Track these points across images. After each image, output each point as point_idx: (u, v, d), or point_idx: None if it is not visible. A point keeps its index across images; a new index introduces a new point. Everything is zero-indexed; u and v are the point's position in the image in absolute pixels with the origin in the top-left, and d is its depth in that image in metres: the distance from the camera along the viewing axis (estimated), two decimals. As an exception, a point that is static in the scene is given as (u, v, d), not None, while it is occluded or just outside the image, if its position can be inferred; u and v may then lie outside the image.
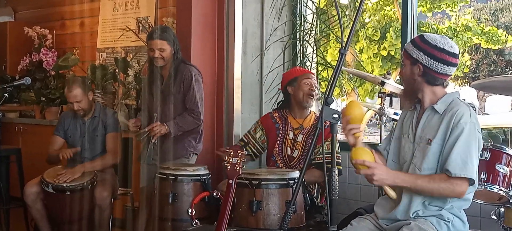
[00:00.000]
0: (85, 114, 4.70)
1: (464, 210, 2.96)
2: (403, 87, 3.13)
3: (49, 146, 4.76)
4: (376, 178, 2.78)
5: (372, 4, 13.01)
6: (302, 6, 5.30)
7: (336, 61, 2.72)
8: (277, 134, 4.25)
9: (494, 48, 13.49)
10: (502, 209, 3.37)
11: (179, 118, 4.39)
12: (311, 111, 4.27)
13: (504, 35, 12.95)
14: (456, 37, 12.78)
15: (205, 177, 3.98)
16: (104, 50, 6.12)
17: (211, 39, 5.03)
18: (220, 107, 5.05)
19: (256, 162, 4.74)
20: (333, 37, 5.43)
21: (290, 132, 4.22)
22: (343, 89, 6.57)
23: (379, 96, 4.12)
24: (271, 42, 5.22)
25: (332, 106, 2.66)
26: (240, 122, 5.06)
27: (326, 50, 5.61)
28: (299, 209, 3.61)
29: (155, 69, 4.45)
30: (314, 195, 4.05)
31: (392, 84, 3.97)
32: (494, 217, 3.43)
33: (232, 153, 3.32)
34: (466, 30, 12.83)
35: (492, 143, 3.31)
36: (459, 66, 13.14)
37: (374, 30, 12.73)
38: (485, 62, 16.84)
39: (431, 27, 12.90)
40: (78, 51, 6.26)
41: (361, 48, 12.76)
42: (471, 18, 13.66)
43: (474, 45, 14.26)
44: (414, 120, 3.01)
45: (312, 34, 5.24)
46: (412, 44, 2.94)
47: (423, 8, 13.02)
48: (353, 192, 4.71)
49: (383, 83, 3.95)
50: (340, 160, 4.18)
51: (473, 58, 16.40)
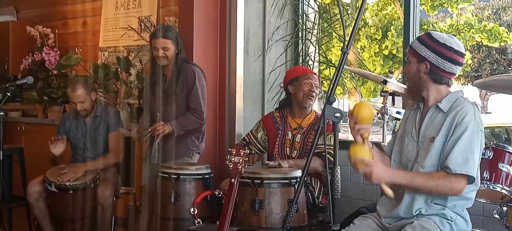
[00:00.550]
0: (87, 115, 4.70)
1: (466, 209, 2.96)
2: (406, 85, 3.11)
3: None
4: (374, 176, 2.76)
5: (373, 4, 13.00)
6: (304, 5, 5.31)
7: (338, 60, 2.71)
8: (276, 134, 4.25)
9: (496, 46, 13.46)
10: (505, 208, 3.37)
11: (182, 117, 4.39)
12: (311, 110, 4.26)
13: (506, 32, 12.93)
14: (458, 35, 12.77)
15: (207, 176, 3.97)
16: (106, 49, 6.12)
17: (213, 38, 5.03)
18: (222, 106, 5.05)
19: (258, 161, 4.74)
20: (335, 36, 5.43)
21: (289, 132, 4.21)
22: (346, 88, 6.57)
23: (381, 95, 4.11)
24: (273, 41, 5.22)
25: (334, 105, 2.66)
26: (242, 121, 5.06)
27: (329, 49, 5.61)
28: (301, 208, 3.61)
29: (158, 68, 4.45)
30: (315, 194, 4.04)
31: (395, 83, 3.96)
32: (496, 216, 3.42)
33: (234, 152, 3.32)
34: (468, 28, 12.81)
35: (495, 142, 3.30)
36: (462, 65, 13.10)
37: (376, 29, 12.73)
38: (487, 61, 16.82)
39: (433, 26, 12.88)
40: (80, 50, 6.26)
41: (362, 47, 12.76)
42: (472, 16, 13.63)
43: (477, 44, 14.24)
44: (417, 119, 3.00)
45: (314, 33, 5.24)
46: (419, 41, 2.92)
47: (425, 6, 13.00)
48: (355, 191, 4.70)
49: (385, 82, 3.95)
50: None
51: (475, 57, 16.38)
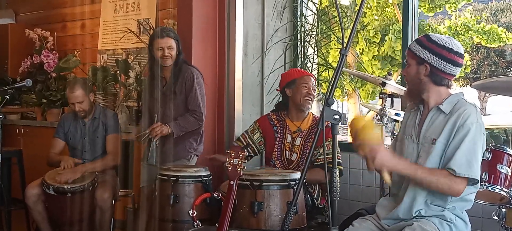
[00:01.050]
0: (85, 116, 4.70)
1: (466, 210, 2.96)
2: (406, 87, 3.11)
3: (49, 148, 4.77)
4: (378, 159, 2.74)
5: (372, 6, 13.00)
6: (303, 8, 5.31)
7: (337, 62, 2.71)
8: (275, 137, 4.24)
9: (494, 47, 13.46)
10: (504, 210, 3.36)
11: (181, 118, 4.39)
12: (309, 113, 4.25)
13: (504, 33, 12.93)
14: (456, 37, 12.77)
15: (206, 178, 3.97)
16: (105, 52, 6.12)
17: (212, 41, 5.03)
18: (221, 108, 5.05)
19: (256, 163, 4.73)
20: (334, 38, 5.43)
21: (288, 135, 4.20)
22: (345, 90, 6.58)
23: (380, 97, 4.12)
24: (272, 43, 5.22)
25: (333, 107, 2.66)
26: (241, 123, 5.05)
27: (328, 51, 5.61)
28: (300, 210, 3.61)
29: (157, 70, 4.45)
30: (315, 196, 4.04)
31: (393, 85, 3.97)
32: (495, 218, 3.42)
33: (233, 153, 3.32)
34: (466, 29, 12.82)
35: (494, 144, 3.30)
36: (461, 66, 13.11)
37: (374, 32, 12.73)
38: (486, 62, 16.82)
39: (432, 28, 12.89)
40: (79, 53, 6.26)
41: (361, 49, 12.76)
42: (471, 17, 13.63)
43: (475, 45, 14.23)
44: (417, 121, 3.00)
45: (313, 35, 5.24)
46: (418, 43, 2.91)
47: (423, 9, 13.02)
48: (354, 193, 4.70)
49: (384, 84, 3.95)
50: (341, 160, 4.18)
51: (474, 59, 16.37)
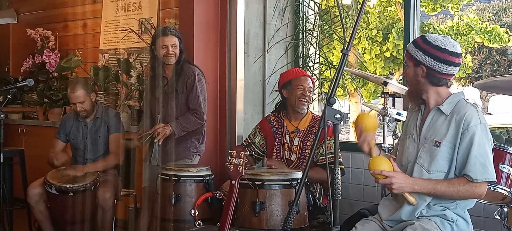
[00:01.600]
0: (87, 116, 4.70)
1: (467, 210, 2.96)
2: (407, 88, 3.12)
3: (50, 149, 4.77)
4: (395, 187, 2.79)
5: (374, 5, 12.98)
6: (305, 7, 5.30)
7: (339, 61, 2.71)
8: (274, 138, 4.24)
9: (496, 46, 13.45)
10: (506, 209, 3.36)
11: (182, 118, 4.39)
12: (308, 112, 4.24)
13: (507, 33, 12.90)
14: (459, 37, 12.75)
15: (208, 178, 3.97)
16: (107, 51, 6.12)
17: (214, 40, 5.03)
18: (223, 108, 5.05)
19: (258, 163, 4.74)
20: (337, 38, 5.43)
21: (286, 135, 4.20)
22: (346, 90, 6.57)
23: (381, 97, 4.11)
24: (273, 43, 5.22)
25: (335, 106, 2.65)
26: (243, 122, 5.06)
27: (330, 51, 5.60)
28: (302, 210, 3.61)
29: (158, 70, 4.45)
30: (316, 196, 4.04)
31: (395, 85, 3.96)
32: (497, 217, 3.42)
33: (234, 153, 3.32)
34: (469, 29, 12.80)
35: (496, 143, 3.29)
36: (462, 66, 13.11)
37: (377, 31, 12.72)
38: (488, 62, 16.80)
39: (434, 28, 12.87)
40: (81, 52, 6.27)
41: (363, 48, 12.75)
42: (474, 16, 13.61)
43: (477, 45, 14.21)
44: (418, 120, 3.00)
45: (314, 35, 5.24)
46: (414, 45, 2.92)
47: (425, 8, 13.00)
48: (356, 193, 4.70)
49: (386, 83, 3.94)
50: (342, 160, 4.18)
51: (476, 58, 16.36)
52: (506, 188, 3.22)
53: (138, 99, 5.41)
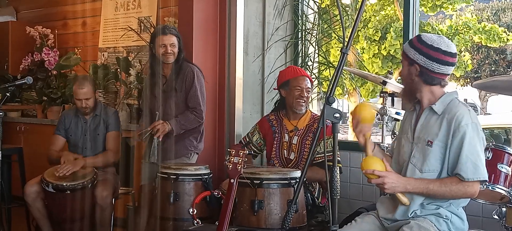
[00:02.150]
0: (88, 113, 4.70)
1: (466, 209, 2.97)
2: (402, 88, 3.14)
3: (50, 145, 4.77)
4: (387, 187, 2.81)
5: (372, 4, 12.98)
6: (304, 6, 5.30)
7: (338, 61, 2.72)
8: (273, 137, 4.24)
9: (495, 46, 13.45)
10: (504, 209, 3.36)
11: (181, 116, 4.39)
12: (307, 111, 4.24)
13: (505, 33, 12.91)
14: (457, 36, 12.75)
15: (206, 177, 3.98)
16: (106, 49, 6.12)
17: (213, 39, 5.03)
18: (222, 107, 5.05)
19: (257, 162, 4.74)
20: (335, 37, 5.43)
21: (285, 134, 4.20)
22: (345, 89, 6.57)
23: (380, 96, 4.11)
24: (272, 41, 5.22)
25: (334, 105, 2.66)
26: (241, 121, 5.05)
27: (328, 50, 5.61)
28: (301, 209, 3.61)
29: (157, 68, 4.45)
30: (315, 195, 4.04)
31: (394, 84, 3.96)
32: (496, 217, 3.42)
33: (233, 152, 3.32)
34: (467, 29, 12.81)
35: (494, 143, 3.30)
36: (461, 66, 13.11)
37: (375, 30, 12.72)
38: (487, 62, 16.80)
39: (433, 27, 12.88)
40: (80, 50, 6.26)
41: (362, 48, 12.76)
42: (472, 16, 13.61)
43: (476, 45, 14.22)
44: (413, 120, 3.03)
45: (313, 34, 5.24)
46: (409, 45, 2.96)
47: (424, 8, 13.01)
48: (354, 192, 4.70)
49: (384, 82, 3.95)
50: (340, 159, 4.18)
51: (474, 58, 16.36)
52: (505, 188, 3.22)
53: (137, 97, 5.41)
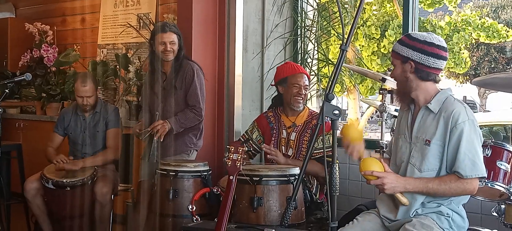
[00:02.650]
0: (88, 110, 4.70)
1: (465, 206, 2.97)
2: (396, 89, 3.13)
3: (48, 143, 4.76)
4: (387, 187, 2.81)
5: (372, 1, 12.96)
6: (303, 3, 5.30)
7: (337, 58, 2.72)
8: (272, 134, 4.24)
9: (494, 43, 13.43)
10: (503, 206, 3.37)
11: (180, 114, 4.39)
12: (305, 108, 4.25)
13: (505, 30, 12.89)
14: (456, 33, 12.72)
15: (205, 173, 3.98)
16: (105, 46, 6.11)
17: (212, 36, 5.03)
18: (221, 104, 5.04)
19: (256, 159, 4.73)
20: (334, 34, 5.43)
21: (283, 130, 4.20)
22: (344, 86, 6.57)
23: (380, 93, 4.11)
24: (272, 38, 5.21)
25: (333, 102, 2.66)
26: (241, 118, 5.05)
27: (327, 47, 5.60)
28: (300, 206, 3.62)
29: (157, 65, 4.45)
30: (313, 191, 4.04)
31: (393, 81, 3.96)
32: (495, 214, 3.43)
33: (232, 149, 3.32)
34: (466, 25, 12.78)
35: (493, 140, 3.30)
36: (460, 63, 13.08)
37: (375, 28, 12.71)
38: (486, 59, 16.80)
39: (432, 24, 12.86)
40: (79, 47, 6.26)
41: (361, 45, 12.74)
42: (471, 13, 13.59)
43: (475, 42, 14.20)
44: (409, 120, 3.02)
45: (313, 31, 5.24)
46: (400, 43, 2.96)
47: (424, 5, 12.98)
48: (353, 189, 4.71)
49: (384, 79, 3.95)
50: (338, 155, 4.16)
51: (474, 55, 16.35)
52: (504, 185, 3.23)
53: (136, 94, 5.41)
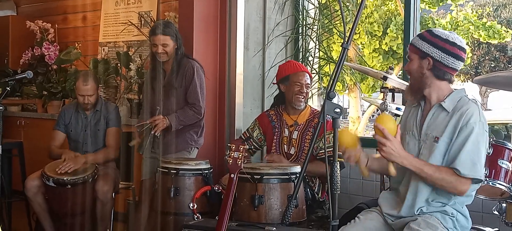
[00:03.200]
0: (88, 109, 4.70)
1: (466, 205, 2.96)
2: (409, 83, 3.10)
3: (50, 141, 4.76)
4: (386, 150, 2.77)
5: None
6: (305, 1, 5.30)
7: (338, 56, 2.71)
8: (273, 132, 4.24)
9: (494, 42, 13.41)
10: (504, 205, 3.36)
11: (180, 111, 4.39)
12: (306, 106, 4.24)
13: (504, 30, 12.88)
14: (457, 31, 12.71)
15: (206, 171, 3.98)
16: (106, 44, 6.11)
17: (213, 34, 5.03)
18: (222, 102, 5.04)
19: (257, 157, 4.74)
20: (336, 33, 5.42)
21: (285, 129, 4.20)
22: (346, 84, 6.56)
23: (381, 91, 4.11)
24: (273, 37, 5.21)
25: (334, 100, 2.65)
26: (242, 116, 5.05)
27: (329, 46, 5.59)
28: (301, 204, 3.61)
29: (158, 63, 4.46)
30: (315, 190, 4.04)
31: (394, 79, 3.96)
32: (496, 213, 3.43)
33: (233, 147, 3.32)
34: (468, 24, 12.77)
35: (495, 139, 3.30)
36: (463, 62, 13.05)
37: (377, 26, 12.69)
38: (487, 58, 16.79)
39: (434, 22, 12.85)
40: (80, 45, 6.26)
41: (362, 43, 12.73)
42: (472, 12, 13.58)
43: (477, 41, 14.18)
44: (418, 117, 2.99)
45: (314, 29, 5.23)
46: (420, 38, 2.91)
47: (427, 4, 12.96)
48: (355, 187, 4.70)
49: (385, 78, 3.94)
50: (341, 153, 4.17)
51: (475, 54, 16.34)
52: (505, 184, 3.22)
53: (138, 92, 5.41)
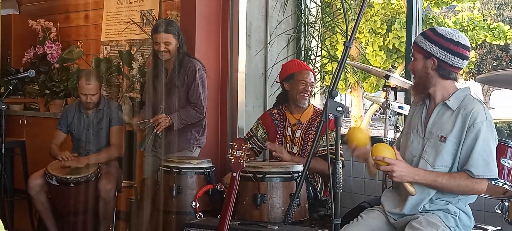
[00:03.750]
0: (91, 108, 4.70)
1: (468, 204, 2.96)
2: (413, 82, 3.10)
3: (52, 140, 4.77)
4: (396, 175, 2.78)
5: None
6: (307, 0, 5.29)
7: (341, 54, 2.71)
8: (276, 131, 4.24)
9: (500, 43, 13.40)
10: (507, 203, 3.36)
11: (182, 111, 4.39)
12: (309, 105, 4.24)
13: (510, 31, 12.85)
14: (464, 32, 12.69)
15: (209, 170, 3.98)
16: (109, 43, 6.12)
17: (215, 33, 5.02)
18: (224, 100, 5.04)
19: (261, 157, 4.74)
20: (339, 31, 5.41)
21: (288, 128, 4.19)
22: (348, 83, 6.56)
23: (383, 90, 4.10)
24: (275, 35, 5.21)
25: (337, 99, 2.65)
26: (244, 115, 5.05)
27: (332, 44, 5.59)
28: (303, 203, 3.61)
29: (160, 62, 4.45)
30: (317, 189, 4.04)
31: (397, 78, 3.95)
32: (498, 211, 3.42)
33: (236, 146, 3.32)
34: (473, 26, 12.75)
35: (497, 137, 3.29)
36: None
37: (381, 23, 12.67)
38: (489, 57, 16.78)
39: (437, 21, 12.83)
40: (83, 44, 6.26)
41: (366, 41, 12.71)
42: (478, 13, 13.57)
43: (480, 41, 14.17)
44: (423, 115, 2.98)
45: (316, 28, 5.23)
46: (424, 37, 2.90)
47: (430, 3, 12.93)
48: (357, 186, 4.70)
49: (387, 76, 3.94)
50: (343, 152, 4.17)
51: (477, 53, 16.33)
52: (508, 182, 3.22)
53: (140, 91, 5.41)
